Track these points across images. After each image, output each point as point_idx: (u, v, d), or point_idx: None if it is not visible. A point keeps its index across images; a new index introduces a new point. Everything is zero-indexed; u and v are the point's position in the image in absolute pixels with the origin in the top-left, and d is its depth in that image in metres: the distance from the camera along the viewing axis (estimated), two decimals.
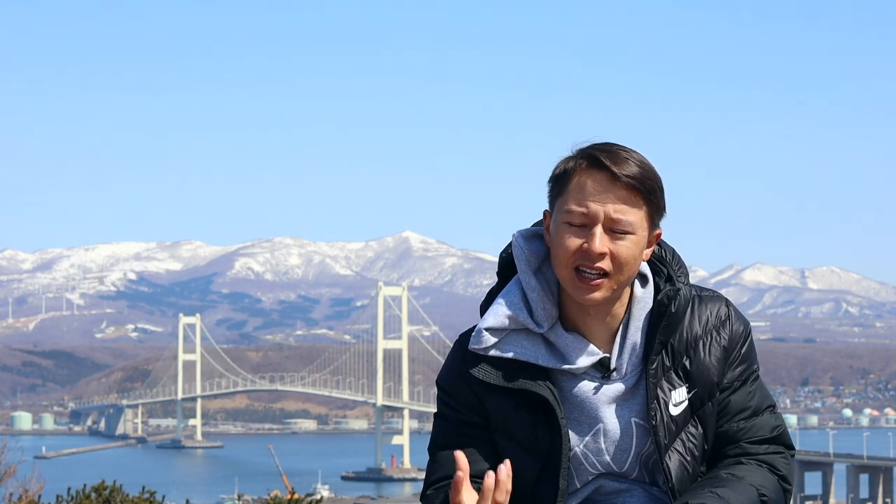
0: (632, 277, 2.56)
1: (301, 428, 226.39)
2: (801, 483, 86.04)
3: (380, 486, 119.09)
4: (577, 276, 2.51)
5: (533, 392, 2.57)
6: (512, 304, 2.59)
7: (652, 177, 2.52)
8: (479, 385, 2.60)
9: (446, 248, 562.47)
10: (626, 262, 2.51)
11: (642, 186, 2.50)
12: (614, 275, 2.51)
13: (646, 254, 2.58)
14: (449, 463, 2.60)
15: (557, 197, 2.55)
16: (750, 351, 2.68)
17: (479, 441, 2.62)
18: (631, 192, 2.49)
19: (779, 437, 2.69)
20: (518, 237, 2.64)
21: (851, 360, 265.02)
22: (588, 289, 2.51)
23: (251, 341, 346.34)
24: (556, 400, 2.56)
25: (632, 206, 2.50)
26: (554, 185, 2.57)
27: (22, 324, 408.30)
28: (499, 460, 2.54)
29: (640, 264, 2.59)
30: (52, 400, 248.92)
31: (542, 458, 2.58)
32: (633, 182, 2.49)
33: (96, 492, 10.97)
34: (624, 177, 2.49)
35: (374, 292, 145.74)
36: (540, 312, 2.57)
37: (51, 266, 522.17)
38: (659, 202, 2.54)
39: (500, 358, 2.58)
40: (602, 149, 2.53)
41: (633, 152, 2.53)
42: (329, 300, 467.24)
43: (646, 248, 2.56)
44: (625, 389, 2.60)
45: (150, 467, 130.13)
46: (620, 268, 2.51)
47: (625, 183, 2.49)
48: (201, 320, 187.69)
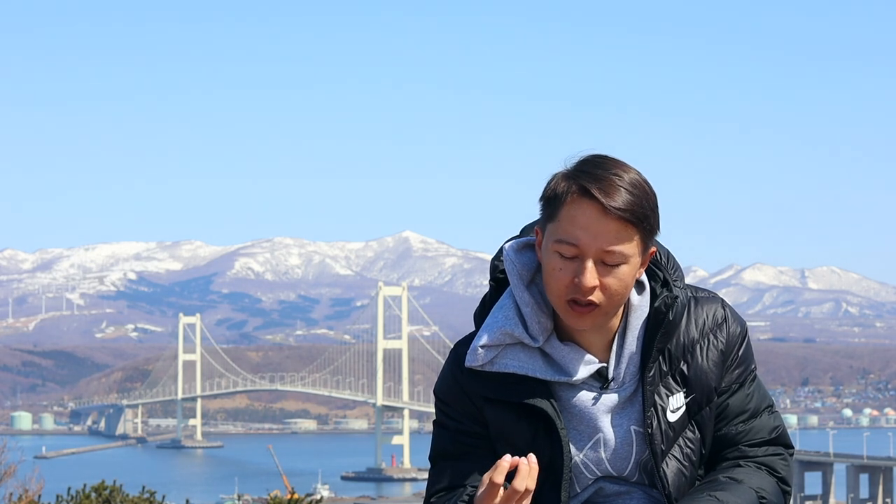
0: (625, 300, 2.52)
1: (301, 428, 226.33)
2: (801, 483, 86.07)
3: (380, 486, 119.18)
4: (569, 306, 2.48)
5: (533, 404, 2.55)
6: (506, 319, 2.55)
7: (643, 202, 2.45)
8: (477, 396, 2.59)
9: (446, 248, 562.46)
10: (617, 293, 2.47)
11: (634, 217, 2.44)
12: (605, 305, 2.48)
13: (638, 272, 2.53)
14: (450, 472, 2.60)
15: (548, 221, 2.49)
16: (747, 352, 2.66)
17: (480, 450, 2.60)
18: (623, 223, 2.44)
19: (778, 438, 2.67)
20: (509, 251, 2.60)
21: (851, 360, 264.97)
22: (579, 319, 2.49)
23: (251, 341, 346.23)
24: (556, 411, 2.55)
25: (624, 238, 2.44)
26: (545, 206, 2.51)
27: (22, 324, 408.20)
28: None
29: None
30: (52, 400, 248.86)
31: (543, 469, 2.54)
32: (625, 215, 2.43)
33: (96, 492, 10.97)
34: (615, 210, 2.42)
35: (374, 292, 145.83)
36: (535, 326, 2.55)
37: (51, 266, 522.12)
38: (652, 226, 2.49)
39: (498, 372, 2.57)
40: (593, 175, 2.45)
41: (624, 173, 2.46)
42: (329, 300, 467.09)
43: (639, 268, 2.52)
44: (623, 398, 2.59)
45: (150, 467, 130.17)
46: (612, 298, 2.47)
47: (616, 216, 2.43)
48: (201, 320, 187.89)
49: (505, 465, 2.39)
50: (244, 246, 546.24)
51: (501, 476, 2.39)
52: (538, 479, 2.51)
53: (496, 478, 2.39)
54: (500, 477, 2.38)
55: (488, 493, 2.41)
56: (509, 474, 2.41)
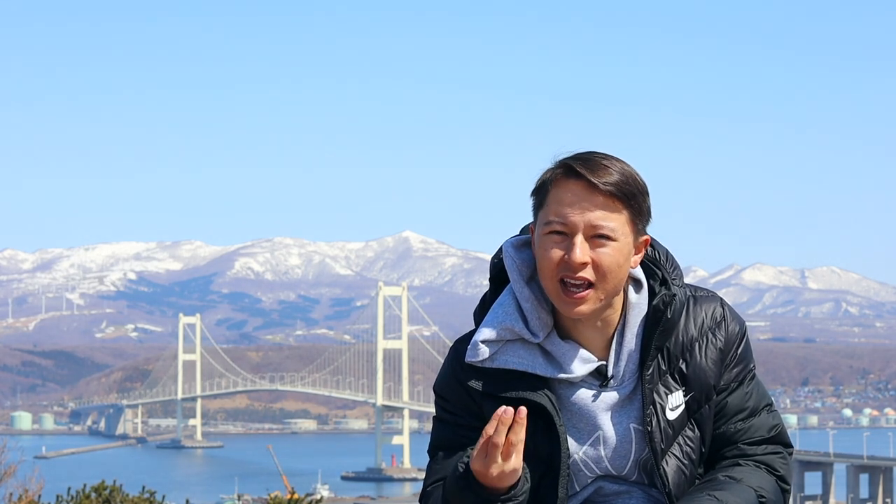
0: (619, 286, 2.53)
1: (301, 428, 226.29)
2: (801, 483, 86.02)
3: (380, 486, 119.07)
4: (563, 289, 2.49)
5: (532, 400, 2.55)
6: (507, 315, 2.57)
7: (631, 182, 2.49)
8: (476, 392, 2.60)
9: (446, 248, 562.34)
10: (609, 270, 2.48)
11: (620, 192, 2.47)
12: (599, 284, 2.48)
13: (633, 261, 2.55)
14: (449, 464, 2.61)
15: (538, 209, 2.54)
16: (746, 351, 2.67)
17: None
18: (609, 198, 2.47)
19: (776, 436, 2.68)
20: (508, 247, 2.62)
21: (851, 360, 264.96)
22: (574, 302, 2.49)
23: (251, 341, 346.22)
24: (555, 408, 2.56)
25: (611, 211, 2.47)
26: (535, 197, 2.56)
27: (22, 324, 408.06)
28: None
29: (629, 271, 2.56)
30: (52, 400, 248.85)
31: (541, 465, 2.57)
32: (611, 188, 2.46)
33: (96, 492, 10.97)
34: (601, 184, 2.46)
35: (374, 292, 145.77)
36: (535, 322, 2.56)
37: (51, 266, 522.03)
38: (641, 206, 2.51)
39: (498, 368, 2.58)
40: (579, 158, 2.51)
41: (613, 160, 2.50)
42: (329, 300, 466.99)
43: (633, 254, 2.54)
44: (622, 396, 2.59)
45: (150, 467, 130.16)
46: (604, 276, 2.48)
47: (602, 190, 2.46)
48: (201, 320, 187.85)
49: (507, 417, 2.38)
50: (244, 246, 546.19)
51: (500, 436, 2.39)
52: (536, 474, 2.55)
53: (495, 437, 2.39)
54: (500, 437, 2.39)
55: (479, 445, 2.43)
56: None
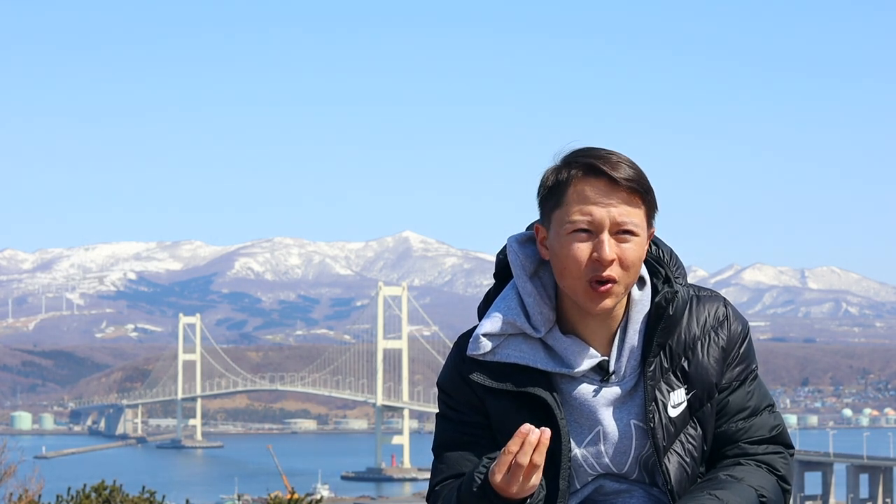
0: (636, 279, 2.57)
1: (301, 428, 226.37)
2: (801, 483, 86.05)
3: (380, 486, 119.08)
4: (590, 286, 2.51)
5: (533, 394, 2.58)
6: (509, 309, 2.59)
7: (645, 177, 2.54)
8: (479, 387, 2.61)
9: (446, 248, 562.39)
10: (632, 265, 2.52)
11: (640, 187, 2.52)
12: (622, 279, 2.52)
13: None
14: (454, 462, 2.62)
15: (555, 209, 2.54)
16: (748, 350, 2.68)
17: (483, 441, 2.63)
18: (631, 194, 2.51)
19: (778, 436, 2.69)
20: (513, 242, 2.64)
21: (851, 360, 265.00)
22: (600, 297, 2.51)
23: (251, 341, 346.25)
24: (556, 402, 2.57)
25: (633, 206, 2.51)
26: (548, 197, 2.56)
27: (22, 324, 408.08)
28: None
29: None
30: (52, 400, 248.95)
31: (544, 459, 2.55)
32: (632, 184, 2.51)
33: (96, 492, 10.97)
34: (623, 181, 2.50)
35: (374, 292, 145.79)
36: (537, 317, 2.58)
37: (51, 266, 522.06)
38: (653, 201, 2.56)
39: (500, 362, 2.60)
40: (593, 155, 2.53)
41: (621, 155, 2.54)
42: (329, 300, 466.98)
43: (645, 245, 2.58)
44: (624, 392, 2.61)
45: (150, 467, 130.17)
46: (627, 272, 2.52)
47: (625, 186, 2.50)
48: (201, 320, 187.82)
49: (533, 438, 2.39)
50: (244, 246, 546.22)
51: (526, 457, 2.39)
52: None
53: (520, 458, 2.39)
54: (525, 458, 2.40)
55: (502, 461, 2.42)
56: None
